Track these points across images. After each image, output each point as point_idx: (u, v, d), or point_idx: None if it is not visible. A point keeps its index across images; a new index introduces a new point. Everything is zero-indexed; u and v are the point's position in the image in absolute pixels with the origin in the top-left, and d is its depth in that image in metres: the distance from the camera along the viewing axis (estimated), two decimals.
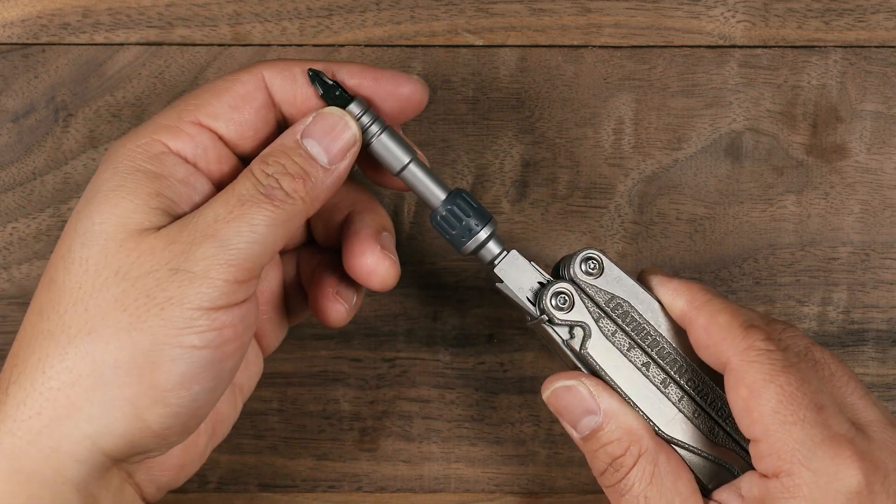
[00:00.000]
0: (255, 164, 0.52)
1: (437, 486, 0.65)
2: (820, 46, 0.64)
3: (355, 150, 0.53)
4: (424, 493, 0.65)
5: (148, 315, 0.49)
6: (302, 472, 0.65)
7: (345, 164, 0.53)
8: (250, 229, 0.50)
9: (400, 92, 0.55)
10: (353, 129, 0.53)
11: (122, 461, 0.52)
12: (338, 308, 0.57)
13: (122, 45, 0.64)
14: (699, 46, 0.64)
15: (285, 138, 0.53)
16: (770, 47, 0.64)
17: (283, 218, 0.51)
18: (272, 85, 0.54)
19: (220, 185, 0.53)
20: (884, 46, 0.64)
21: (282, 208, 0.51)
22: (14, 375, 0.51)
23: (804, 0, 0.64)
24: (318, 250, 0.60)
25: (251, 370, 0.58)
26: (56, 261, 0.52)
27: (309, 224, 0.60)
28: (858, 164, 0.64)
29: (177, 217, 0.52)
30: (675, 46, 0.64)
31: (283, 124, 0.55)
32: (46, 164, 0.64)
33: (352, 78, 0.55)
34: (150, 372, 0.49)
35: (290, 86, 0.54)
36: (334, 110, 0.53)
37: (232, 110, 0.54)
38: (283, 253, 0.60)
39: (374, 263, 0.55)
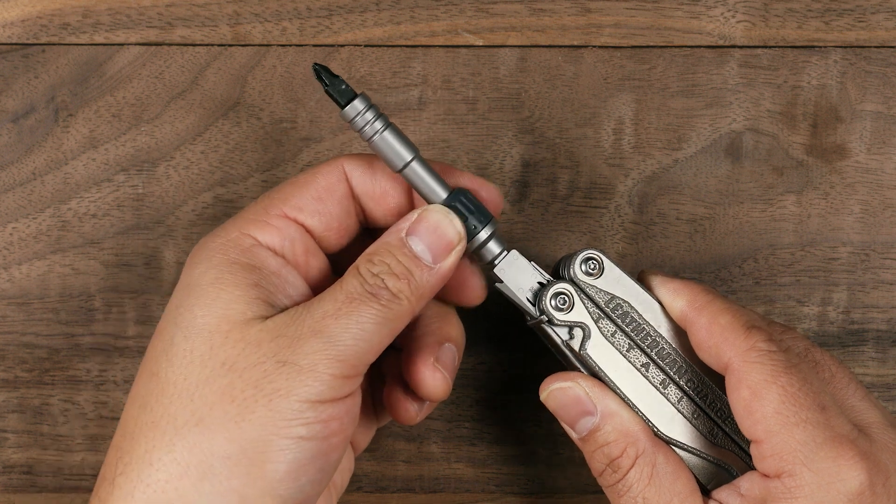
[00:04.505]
0: (361, 262, 0.52)
1: (437, 486, 0.65)
2: (820, 46, 0.64)
3: (460, 248, 0.53)
4: (424, 493, 0.65)
5: (256, 406, 0.49)
6: None
7: (449, 263, 0.53)
8: (358, 327, 0.50)
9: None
10: (457, 227, 0.53)
11: None
12: (406, 407, 0.57)
13: (122, 45, 0.64)
14: (699, 46, 0.64)
15: (390, 236, 0.53)
16: (770, 47, 0.64)
17: (390, 317, 0.51)
18: (352, 177, 0.55)
19: (307, 278, 0.54)
20: (884, 46, 0.64)
21: (388, 308, 0.51)
22: (120, 467, 0.50)
23: (804, 0, 0.64)
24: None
25: (344, 466, 0.58)
26: (156, 355, 0.52)
27: None
28: (858, 165, 0.64)
29: (275, 307, 0.52)
30: (675, 46, 0.64)
31: (362, 218, 0.56)
32: (46, 164, 0.64)
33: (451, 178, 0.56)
34: (260, 463, 0.49)
35: (369, 179, 0.55)
36: (439, 208, 0.53)
37: (316, 202, 0.54)
38: None
39: (424, 374, 0.55)
